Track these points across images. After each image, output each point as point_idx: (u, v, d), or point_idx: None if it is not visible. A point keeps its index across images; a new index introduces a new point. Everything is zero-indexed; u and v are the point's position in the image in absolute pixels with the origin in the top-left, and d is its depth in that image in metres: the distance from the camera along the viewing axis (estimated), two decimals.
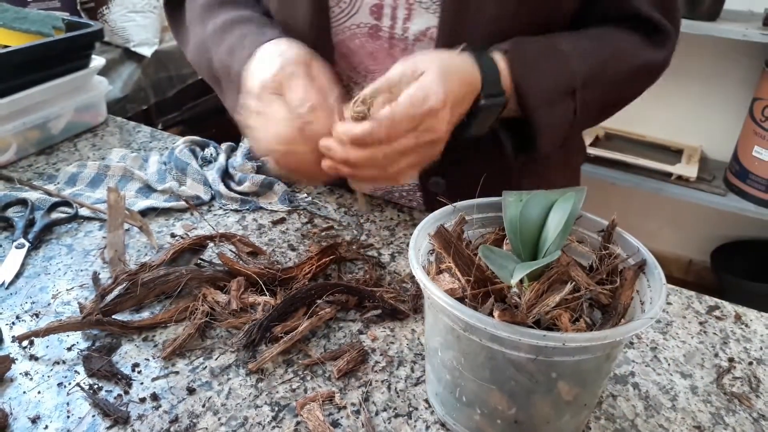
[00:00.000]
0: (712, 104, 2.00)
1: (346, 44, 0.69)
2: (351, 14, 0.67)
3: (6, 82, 0.83)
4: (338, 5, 0.67)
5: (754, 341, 0.60)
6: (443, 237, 0.44)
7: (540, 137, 0.64)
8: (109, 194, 0.68)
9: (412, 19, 0.66)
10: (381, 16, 0.66)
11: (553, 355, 0.40)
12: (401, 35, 0.67)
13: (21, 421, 0.48)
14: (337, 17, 0.68)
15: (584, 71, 0.64)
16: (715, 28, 1.68)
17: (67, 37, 0.91)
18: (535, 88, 0.62)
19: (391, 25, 0.67)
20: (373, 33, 0.68)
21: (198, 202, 0.79)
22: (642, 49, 0.70)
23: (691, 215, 2.17)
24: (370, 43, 0.68)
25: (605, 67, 0.67)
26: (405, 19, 0.66)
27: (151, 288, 0.58)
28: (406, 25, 0.66)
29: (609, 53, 0.67)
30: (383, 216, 0.78)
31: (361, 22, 0.67)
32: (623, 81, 0.70)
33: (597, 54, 0.66)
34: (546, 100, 0.63)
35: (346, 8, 0.67)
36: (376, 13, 0.66)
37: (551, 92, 0.63)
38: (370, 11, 0.66)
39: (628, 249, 0.49)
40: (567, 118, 0.66)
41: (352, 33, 0.68)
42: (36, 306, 0.60)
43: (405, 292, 0.63)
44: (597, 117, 0.74)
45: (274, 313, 0.56)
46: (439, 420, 0.49)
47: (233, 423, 0.48)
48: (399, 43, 0.67)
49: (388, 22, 0.67)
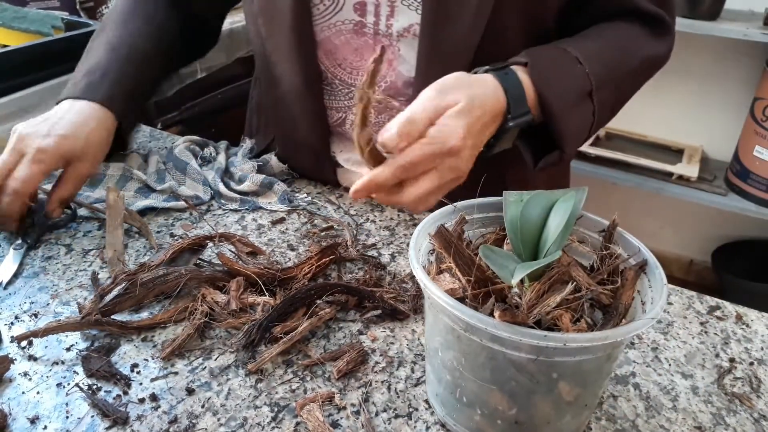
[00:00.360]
0: (713, 104, 1.99)
1: (331, 41, 0.70)
2: (335, 11, 0.68)
3: (5, 82, 0.83)
4: (322, 3, 0.68)
5: (755, 341, 0.60)
6: (444, 237, 0.44)
7: (565, 143, 0.64)
8: (108, 194, 0.68)
9: (395, 16, 0.67)
10: (365, 13, 0.68)
11: (553, 356, 0.39)
12: (386, 32, 0.68)
13: (20, 421, 0.47)
14: (321, 14, 0.69)
15: (597, 71, 0.65)
16: (715, 27, 1.68)
17: (67, 37, 0.91)
18: (557, 95, 0.62)
19: (375, 21, 0.68)
20: (357, 29, 0.69)
21: (197, 202, 0.78)
22: (646, 43, 0.70)
23: (692, 215, 2.17)
24: (355, 40, 0.69)
25: (616, 65, 0.67)
26: (388, 16, 0.67)
27: (150, 288, 0.58)
28: (389, 22, 0.67)
29: (617, 50, 0.68)
30: (383, 216, 0.78)
31: (345, 18, 0.69)
32: (632, 77, 0.71)
33: (606, 53, 0.67)
34: (568, 105, 0.63)
35: (330, 5, 0.68)
36: (359, 10, 0.68)
37: (572, 97, 0.63)
38: (354, 8, 0.68)
39: (629, 249, 0.48)
40: (588, 120, 0.66)
41: (337, 30, 0.69)
42: (35, 306, 0.60)
43: (405, 292, 0.63)
44: (609, 116, 0.74)
45: (273, 314, 0.55)
46: (440, 420, 0.49)
47: (232, 423, 0.48)
48: (384, 40, 0.69)
49: (372, 19, 0.68)
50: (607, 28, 0.70)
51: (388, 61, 0.70)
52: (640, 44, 0.70)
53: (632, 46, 0.70)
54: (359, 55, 0.70)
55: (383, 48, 0.50)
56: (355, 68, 0.72)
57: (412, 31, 0.67)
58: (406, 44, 0.68)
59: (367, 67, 0.50)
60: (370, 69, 0.50)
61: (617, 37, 0.69)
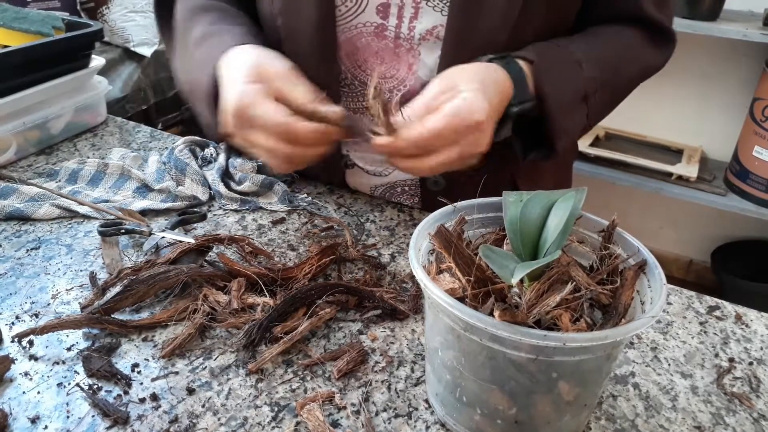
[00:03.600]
0: (713, 104, 2.00)
1: (351, 43, 0.70)
2: (357, 13, 0.68)
3: (6, 82, 0.83)
4: (344, 4, 0.67)
5: (754, 341, 0.60)
6: (444, 237, 0.44)
7: (558, 140, 0.66)
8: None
9: (418, 17, 0.66)
10: (387, 15, 0.67)
11: (553, 355, 0.40)
12: (407, 35, 0.67)
13: (21, 421, 0.47)
14: (343, 16, 0.68)
15: (596, 77, 0.67)
16: (715, 28, 1.68)
17: (67, 37, 0.91)
18: (555, 94, 0.64)
19: (397, 24, 0.67)
20: (378, 32, 0.68)
21: (195, 202, 0.79)
22: (647, 53, 0.73)
23: (692, 215, 2.17)
24: (376, 42, 0.69)
25: (615, 71, 0.69)
26: (411, 18, 0.66)
27: (151, 285, 0.58)
28: (412, 24, 0.67)
29: (618, 58, 0.70)
30: (383, 216, 0.78)
31: (367, 21, 0.68)
32: (628, 82, 0.73)
33: (607, 59, 0.69)
34: (565, 106, 0.65)
35: (352, 7, 0.67)
36: (382, 12, 0.67)
37: (569, 98, 0.65)
38: (377, 10, 0.67)
39: (628, 249, 0.48)
40: (581, 122, 0.69)
41: (358, 32, 0.69)
42: (36, 306, 0.60)
43: (405, 292, 0.63)
44: (600, 118, 0.76)
45: (273, 314, 0.56)
46: (439, 420, 0.49)
47: (233, 423, 0.48)
48: (404, 43, 0.68)
49: (394, 22, 0.67)
50: (611, 32, 0.72)
51: (408, 65, 0.69)
52: (640, 52, 0.72)
53: (632, 54, 0.72)
54: (380, 57, 0.70)
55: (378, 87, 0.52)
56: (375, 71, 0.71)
57: (434, 34, 0.66)
58: (427, 48, 0.68)
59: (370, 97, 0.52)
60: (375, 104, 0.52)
61: (620, 43, 0.71)
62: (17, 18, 0.92)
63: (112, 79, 1.92)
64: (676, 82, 1.98)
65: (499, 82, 0.60)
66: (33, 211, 0.74)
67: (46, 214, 0.74)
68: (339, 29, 0.69)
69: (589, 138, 2.06)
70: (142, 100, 2.02)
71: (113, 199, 0.78)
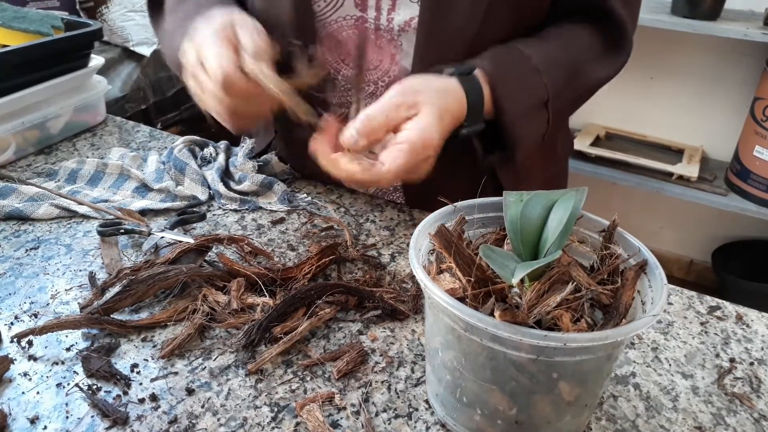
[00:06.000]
0: (713, 104, 1.99)
1: (333, 36, 0.71)
2: (336, 7, 0.69)
3: (5, 82, 0.83)
4: (323, 0, 0.69)
5: (755, 341, 0.60)
6: (444, 237, 0.44)
7: (517, 149, 0.68)
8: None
9: (396, 9, 0.68)
10: (366, 8, 0.69)
11: (554, 356, 0.39)
12: (387, 26, 0.69)
13: (20, 421, 0.47)
14: (322, 11, 0.70)
15: (555, 83, 0.68)
16: (715, 27, 1.68)
17: (66, 37, 0.91)
18: (513, 106, 0.65)
19: (376, 16, 0.69)
20: (359, 25, 0.70)
21: (195, 202, 0.78)
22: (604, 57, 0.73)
23: (692, 215, 2.17)
24: (357, 35, 0.70)
25: (573, 76, 0.70)
26: (389, 10, 0.68)
27: (150, 285, 0.58)
28: (390, 16, 0.68)
29: (576, 61, 0.71)
30: (383, 216, 0.78)
31: (347, 14, 0.69)
32: (588, 87, 0.74)
33: (566, 63, 0.70)
34: (523, 115, 0.66)
35: (330, 2, 0.69)
36: (360, 5, 0.69)
37: (528, 107, 0.67)
38: (355, 3, 0.69)
39: (629, 249, 0.48)
40: (541, 128, 0.70)
41: (339, 25, 0.70)
42: (35, 306, 0.60)
43: (405, 292, 0.63)
44: (563, 121, 0.77)
45: (273, 314, 0.55)
46: (440, 421, 0.49)
47: (232, 424, 0.48)
48: (385, 34, 0.70)
49: (373, 14, 0.69)
50: (572, 33, 0.72)
51: (391, 56, 0.71)
52: (599, 56, 0.73)
53: (589, 56, 0.72)
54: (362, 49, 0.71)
55: (363, 36, 0.52)
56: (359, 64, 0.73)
57: (412, 25, 0.68)
58: (407, 38, 0.69)
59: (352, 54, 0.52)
60: (354, 55, 0.52)
61: (579, 45, 0.72)
62: (16, 17, 0.92)
63: (111, 78, 1.92)
64: (676, 81, 1.98)
65: (454, 111, 0.61)
66: (32, 210, 0.74)
67: (45, 213, 0.74)
68: (319, 24, 0.71)
69: (589, 138, 2.06)
70: (141, 100, 2.02)
71: (112, 199, 0.78)
